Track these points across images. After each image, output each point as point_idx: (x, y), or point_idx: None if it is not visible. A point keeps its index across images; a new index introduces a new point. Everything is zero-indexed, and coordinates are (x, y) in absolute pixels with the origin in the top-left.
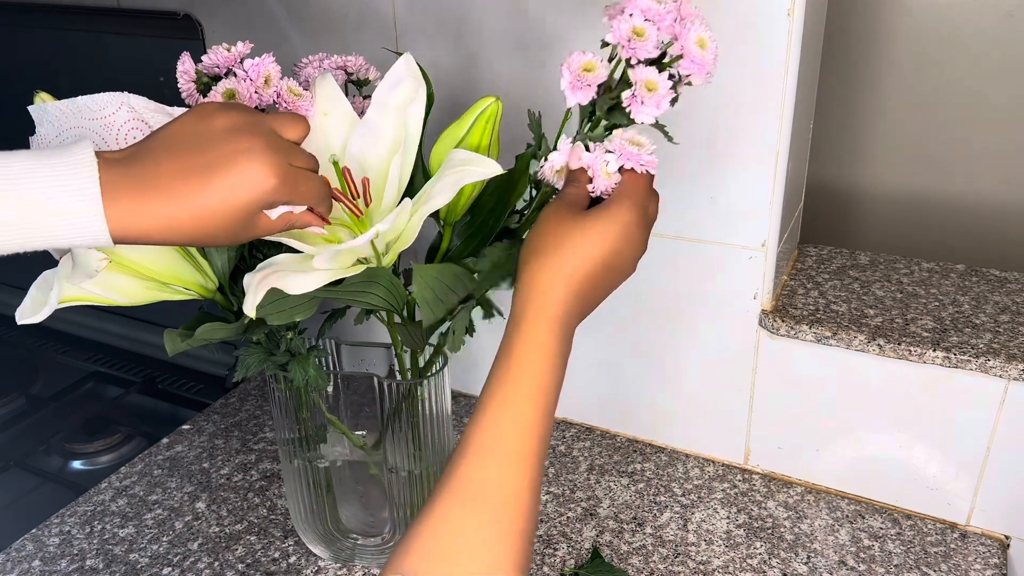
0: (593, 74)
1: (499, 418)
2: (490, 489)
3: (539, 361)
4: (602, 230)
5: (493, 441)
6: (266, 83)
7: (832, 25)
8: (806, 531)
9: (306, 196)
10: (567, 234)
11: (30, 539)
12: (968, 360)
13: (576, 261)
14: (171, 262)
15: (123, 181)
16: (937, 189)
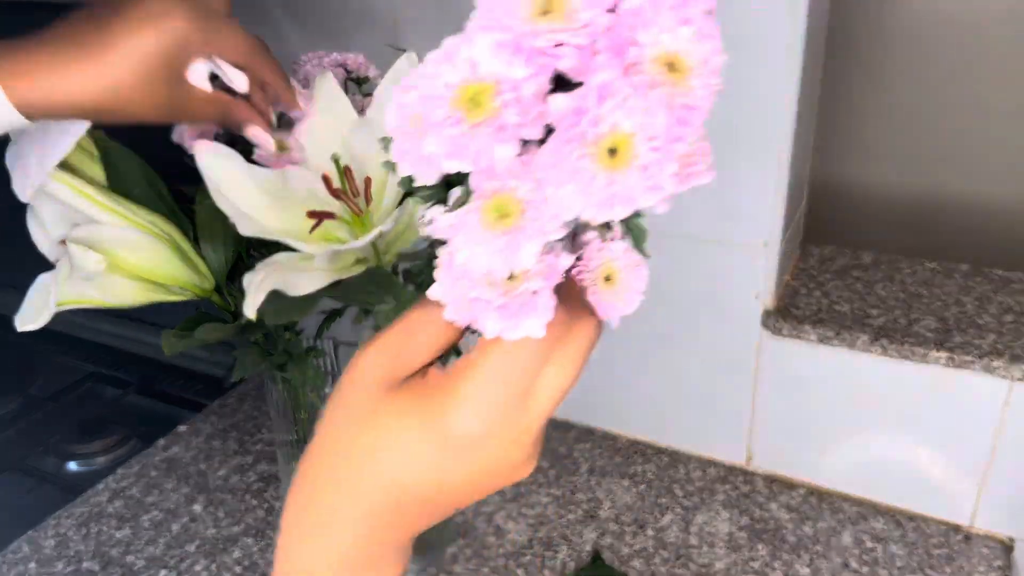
0: None
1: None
2: None
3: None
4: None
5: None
6: None
7: (835, 23)
8: (809, 533)
9: (227, 47)
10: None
11: (26, 541)
12: (972, 360)
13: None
14: (168, 263)
15: (22, 55)
16: (941, 188)
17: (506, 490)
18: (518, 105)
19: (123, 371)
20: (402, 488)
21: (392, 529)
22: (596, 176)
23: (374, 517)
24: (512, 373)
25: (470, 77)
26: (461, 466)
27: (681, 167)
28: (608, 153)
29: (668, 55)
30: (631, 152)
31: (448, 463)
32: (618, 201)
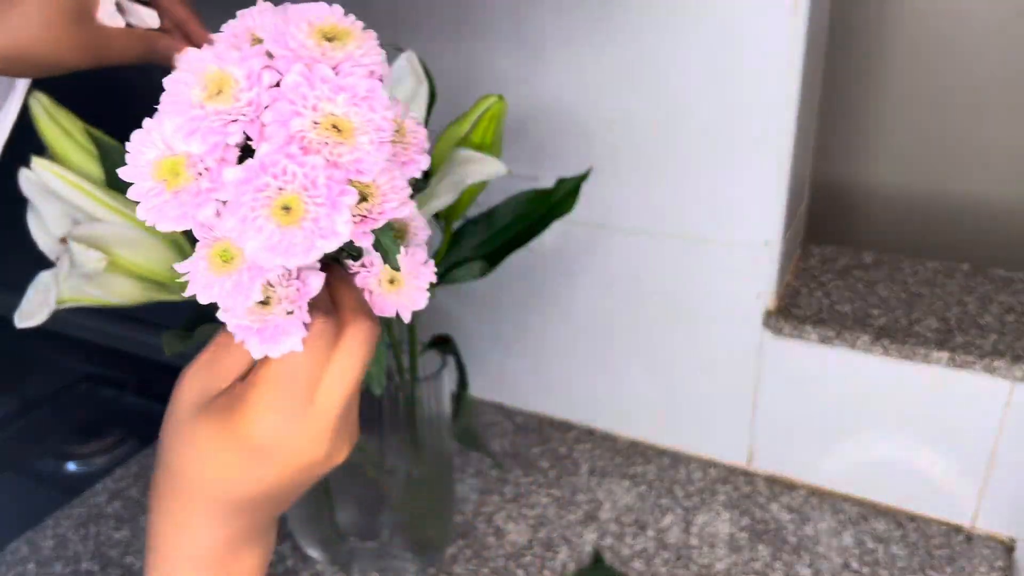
0: None
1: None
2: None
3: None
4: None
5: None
6: None
7: (837, 22)
8: (810, 534)
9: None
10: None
11: (24, 542)
12: (973, 361)
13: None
14: (168, 261)
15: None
16: (942, 188)
17: (506, 491)
18: (207, 174)
19: (121, 371)
20: (227, 492)
21: (241, 521)
22: (274, 231)
23: (217, 517)
24: (288, 381)
25: (165, 152)
26: (269, 467)
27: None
28: (283, 210)
29: (331, 119)
30: (302, 209)
31: (256, 466)
32: (299, 250)
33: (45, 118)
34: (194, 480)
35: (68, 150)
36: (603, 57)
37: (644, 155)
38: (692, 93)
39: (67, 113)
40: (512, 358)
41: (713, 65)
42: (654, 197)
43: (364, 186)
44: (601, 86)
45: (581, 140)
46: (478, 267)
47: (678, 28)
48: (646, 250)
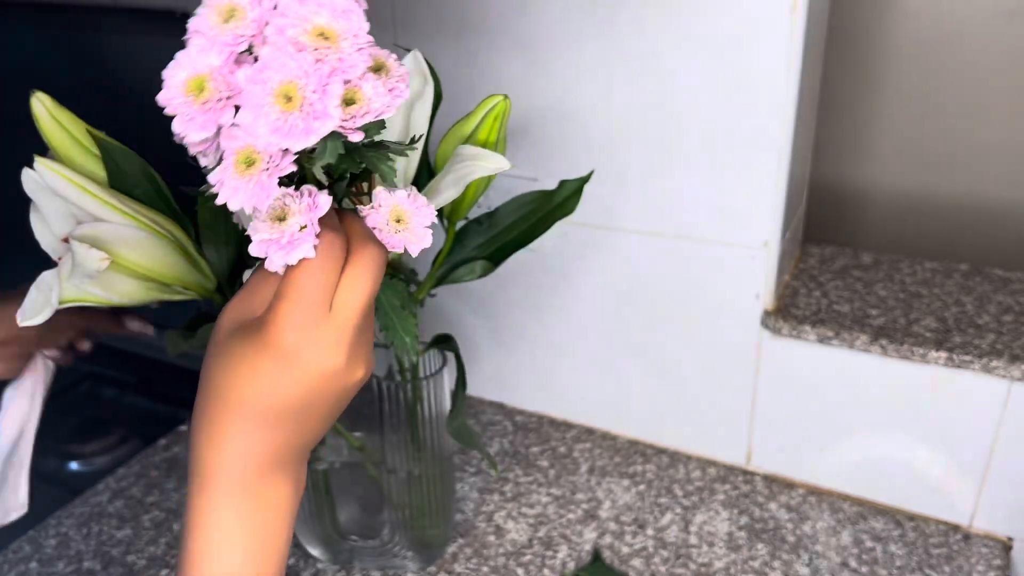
0: None
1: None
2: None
3: (219, 553)
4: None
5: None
6: None
7: (835, 23)
8: (808, 533)
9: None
10: (217, 384)
11: (27, 541)
12: (971, 361)
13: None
14: (171, 262)
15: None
16: (940, 188)
17: (506, 490)
18: (224, 82)
19: (123, 371)
20: (259, 401)
21: (275, 436)
22: (279, 115)
23: (252, 430)
24: (306, 290)
25: (192, 72)
26: (296, 373)
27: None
28: (285, 99)
29: (318, 28)
30: (299, 96)
31: (284, 373)
32: (300, 131)
33: (47, 118)
34: (230, 392)
35: (70, 150)
36: (603, 58)
37: (644, 156)
38: (692, 94)
39: (69, 114)
40: (512, 358)
41: (713, 66)
42: (653, 198)
43: (351, 89)
44: (601, 87)
45: (581, 141)
46: (480, 267)
47: (678, 29)
48: (645, 250)
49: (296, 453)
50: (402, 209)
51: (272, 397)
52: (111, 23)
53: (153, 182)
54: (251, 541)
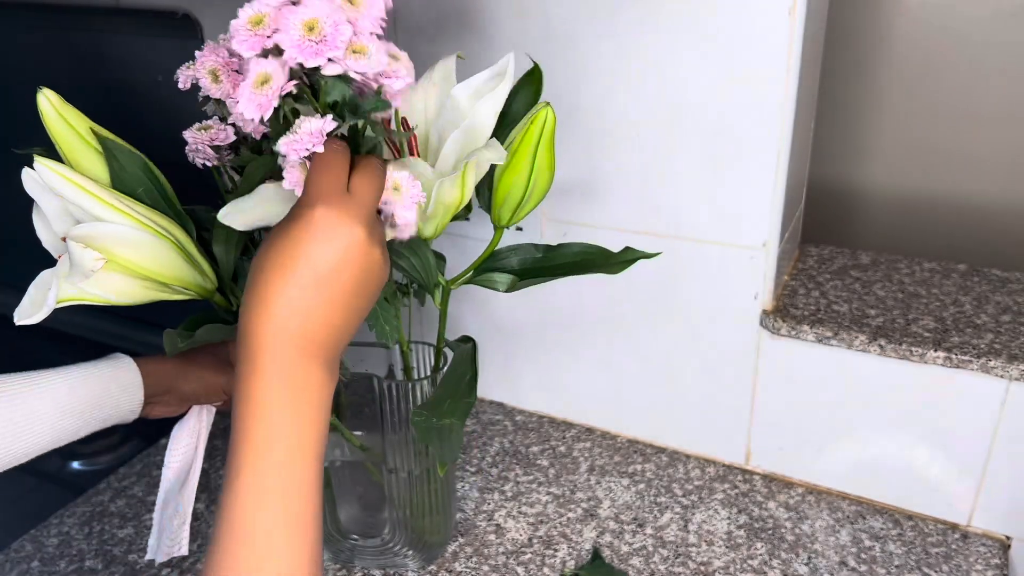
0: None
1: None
2: None
3: (269, 424)
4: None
5: (238, 526)
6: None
7: (833, 24)
8: (807, 532)
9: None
10: (263, 260)
11: (29, 540)
12: (969, 360)
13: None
14: (170, 262)
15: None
16: (939, 189)
17: (506, 489)
18: (275, 19)
19: None
20: (299, 264)
21: (317, 307)
22: (301, 37)
23: (300, 293)
24: (325, 174)
25: (255, 11)
26: (326, 237)
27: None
28: (308, 28)
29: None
30: (319, 28)
31: (316, 239)
32: (312, 51)
33: (53, 115)
34: (273, 265)
35: (75, 147)
36: (603, 59)
37: (643, 156)
38: (691, 95)
39: (75, 111)
40: (512, 358)
41: (712, 67)
42: (653, 198)
43: (359, 44)
44: (601, 88)
45: (581, 141)
46: (509, 282)
47: (678, 31)
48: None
49: (329, 340)
50: (400, 181)
51: (308, 260)
52: (112, 24)
53: (155, 181)
54: (294, 412)
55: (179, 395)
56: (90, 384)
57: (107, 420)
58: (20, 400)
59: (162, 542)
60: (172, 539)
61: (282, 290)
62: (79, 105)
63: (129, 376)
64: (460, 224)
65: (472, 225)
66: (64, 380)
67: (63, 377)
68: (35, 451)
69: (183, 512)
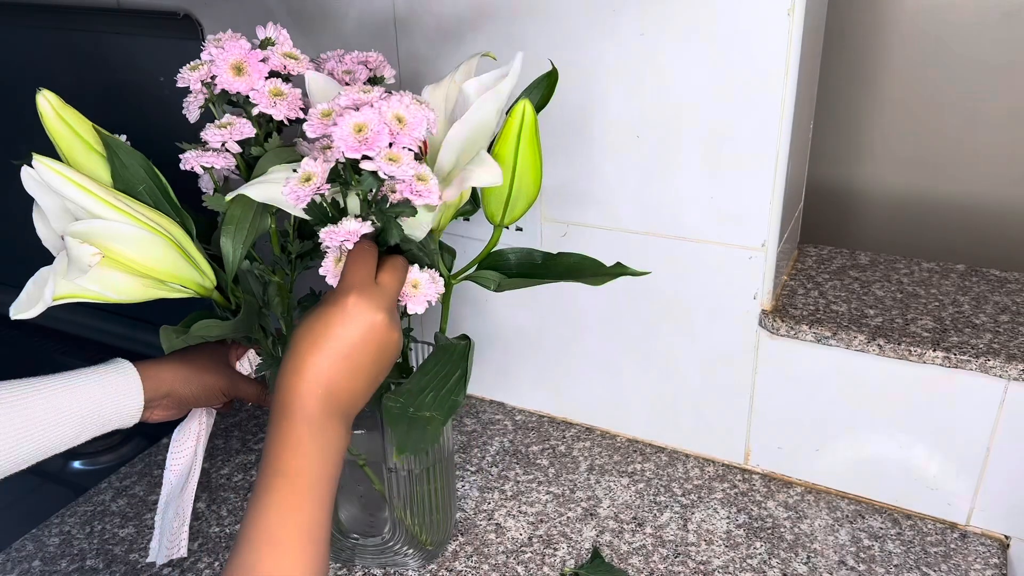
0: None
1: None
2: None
3: (297, 459)
4: (324, 326)
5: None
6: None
7: (832, 25)
8: (806, 531)
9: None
10: (302, 335)
11: (30, 539)
12: (968, 360)
13: (302, 354)
14: (168, 260)
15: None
16: (937, 189)
17: (506, 488)
18: (337, 115)
19: None
20: (330, 342)
21: (341, 375)
22: (349, 134)
23: (328, 363)
24: (357, 267)
25: (327, 107)
26: (354, 321)
27: (413, 189)
28: (357, 130)
29: (397, 114)
30: (365, 130)
31: (346, 322)
32: (355, 147)
33: (52, 116)
34: (308, 339)
35: (75, 148)
36: (602, 60)
37: (643, 157)
38: (691, 96)
39: (74, 112)
40: (512, 357)
41: (711, 68)
42: (653, 198)
43: (394, 153)
44: (600, 88)
45: (581, 141)
46: (501, 283)
47: (677, 32)
48: (645, 251)
49: (350, 401)
50: (420, 280)
51: (338, 339)
52: (113, 24)
53: (156, 179)
54: (317, 452)
55: (179, 399)
56: (90, 389)
57: (107, 425)
58: (20, 406)
59: (163, 544)
60: (172, 541)
61: (315, 361)
62: (80, 105)
63: (129, 381)
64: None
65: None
66: (64, 386)
67: (63, 383)
68: (35, 457)
69: (183, 514)
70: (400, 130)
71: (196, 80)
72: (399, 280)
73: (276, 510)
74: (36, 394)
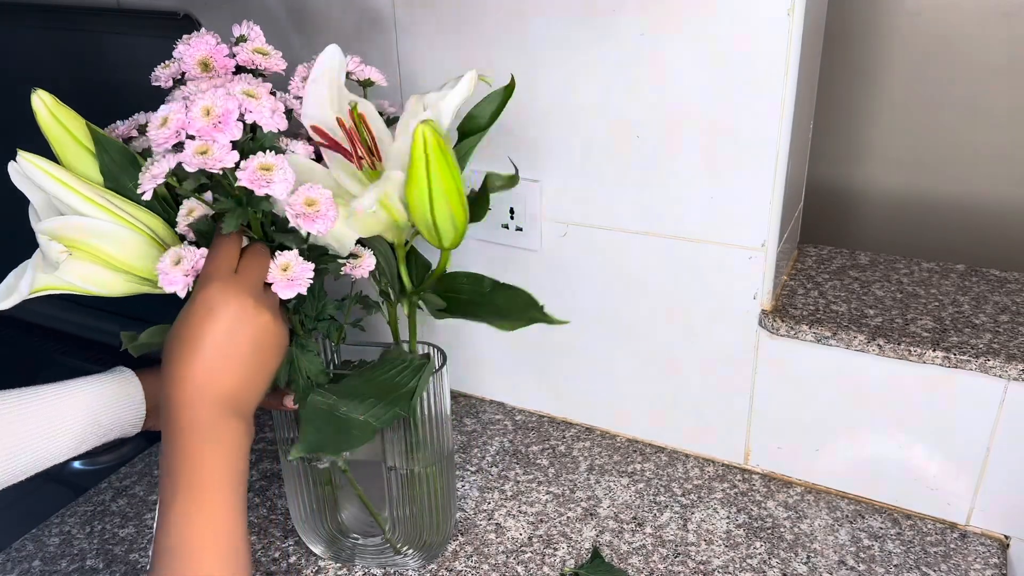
0: None
1: (177, 524)
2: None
3: (196, 471)
4: (189, 327)
5: (178, 546)
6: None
7: (832, 25)
8: (806, 531)
9: None
10: (173, 342)
11: (30, 539)
12: (968, 360)
13: (175, 362)
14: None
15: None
16: (937, 189)
17: (506, 488)
18: None
19: None
20: (196, 339)
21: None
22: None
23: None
24: (215, 261)
25: None
26: (219, 313)
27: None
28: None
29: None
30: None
31: (209, 316)
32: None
33: (47, 115)
34: (176, 343)
35: (69, 148)
36: (602, 60)
37: (643, 157)
38: (690, 96)
39: (69, 111)
40: (512, 357)
41: (711, 68)
42: (652, 198)
43: (202, 147)
44: (600, 89)
45: (581, 142)
46: (439, 305)
47: (677, 32)
48: (644, 251)
49: (240, 394)
50: (290, 263)
51: (208, 333)
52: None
53: None
54: (212, 456)
55: None
56: (89, 399)
57: (108, 435)
58: (16, 417)
59: None
60: None
61: (190, 365)
62: (80, 105)
63: (130, 389)
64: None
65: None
66: (61, 395)
67: (60, 392)
68: (32, 469)
69: None
70: (207, 122)
71: (168, 78)
72: (260, 265)
73: (180, 521)
74: (33, 404)
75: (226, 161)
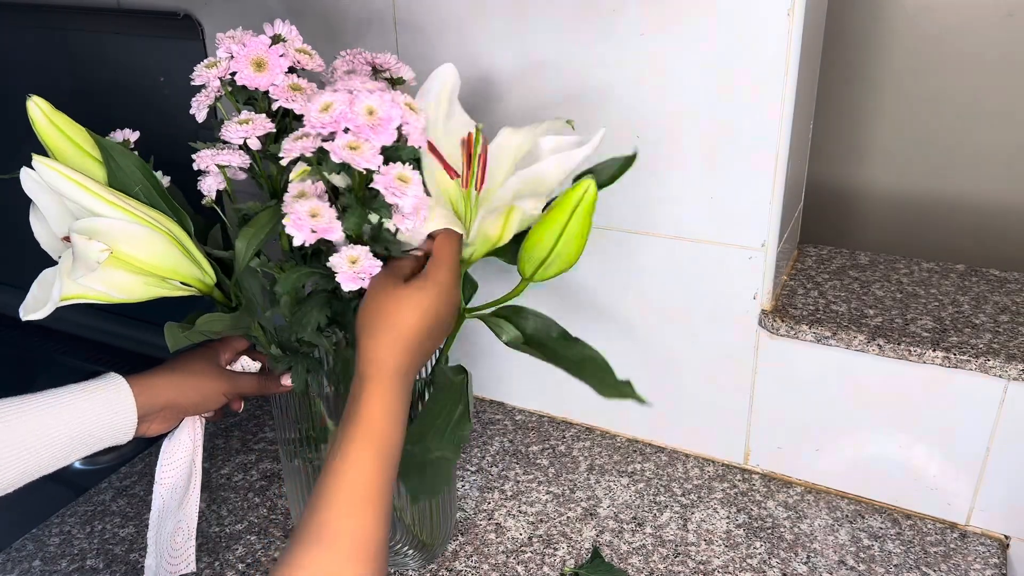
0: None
1: (348, 470)
2: (342, 533)
3: (384, 420)
4: (422, 299)
5: (343, 491)
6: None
7: (832, 25)
8: (806, 531)
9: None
10: (392, 308)
11: (30, 539)
12: (968, 360)
13: (403, 330)
14: (169, 257)
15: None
16: (937, 189)
17: (506, 488)
18: None
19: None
20: (413, 325)
21: (414, 346)
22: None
23: (405, 339)
24: (454, 253)
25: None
26: (446, 297)
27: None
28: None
29: (368, 107)
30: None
31: (440, 300)
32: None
33: (44, 122)
34: (394, 316)
35: (67, 153)
36: (603, 61)
37: (643, 157)
38: (691, 96)
39: (66, 117)
40: (512, 357)
41: (711, 69)
42: (652, 199)
43: (353, 143)
44: (601, 90)
45: None
46: (514, 338)
47: (677, 32)
48: (644, 251)
49: (416, 365)
50: (358, 257)
51: (427, 320)
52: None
53: (152, 179)
54: (393, 416)
55: (179, 408)
56: (79, 407)
57: (99, 443)
58: (5, 427)
59: (162, 562)
60: (176, 556)
61: (406, 348)
62: (80, 105)
63: (120, 397)
64: None
65: None
66: (51, 405)
67: (50, 401)
68: (23, 480)
69: (187, 527)
70: (368, 122)
71: (214, 77)
72: (455, 250)
73: (354, 472)
74: (21, 414)
75: (372, 163)
